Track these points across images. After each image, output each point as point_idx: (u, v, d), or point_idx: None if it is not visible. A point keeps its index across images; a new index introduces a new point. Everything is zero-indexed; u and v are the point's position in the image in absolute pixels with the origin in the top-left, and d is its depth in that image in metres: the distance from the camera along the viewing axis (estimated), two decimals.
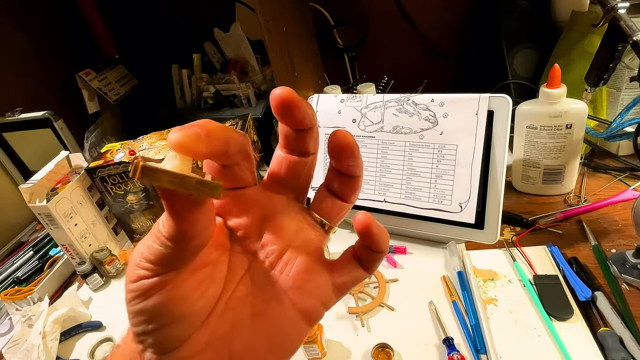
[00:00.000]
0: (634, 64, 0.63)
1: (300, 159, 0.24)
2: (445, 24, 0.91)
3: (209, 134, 0.19)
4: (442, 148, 0.55)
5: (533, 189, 0.68)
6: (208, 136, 0.19)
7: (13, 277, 0.74)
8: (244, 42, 0.87)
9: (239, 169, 0.22)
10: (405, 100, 0.57)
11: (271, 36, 0.59)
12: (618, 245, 0.56)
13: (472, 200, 0.54)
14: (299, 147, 0.24)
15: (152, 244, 0.20)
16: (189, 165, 0.18)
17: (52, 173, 0.68)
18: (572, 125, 0.60)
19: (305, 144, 0.24)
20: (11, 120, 0.81)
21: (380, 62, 0.98)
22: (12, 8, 0.86)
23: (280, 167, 0.24)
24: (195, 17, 0.96)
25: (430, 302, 0.53)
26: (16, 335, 0.61)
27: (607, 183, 0.67)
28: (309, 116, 0.22)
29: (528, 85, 0.79)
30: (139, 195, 0.70)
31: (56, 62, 0.94)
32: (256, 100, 0.86)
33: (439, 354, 0.48)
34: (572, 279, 0.50)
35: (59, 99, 0.91)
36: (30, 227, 0.88)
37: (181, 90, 0.93)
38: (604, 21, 0.57)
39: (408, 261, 0.61)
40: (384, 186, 0.60)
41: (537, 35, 0.79)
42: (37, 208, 0.64)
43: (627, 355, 0.41)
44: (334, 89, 0.74)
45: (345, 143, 0.23)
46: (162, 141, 0.67)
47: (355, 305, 0.55)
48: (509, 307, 0.49)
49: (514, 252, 0.56)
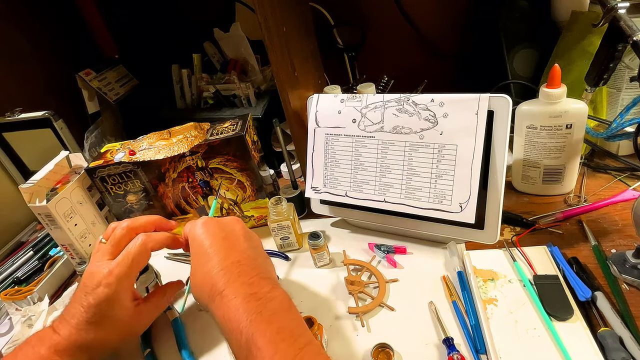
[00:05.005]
0: (634, 64, 0.63)
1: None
2: (446, 24, 0.91)
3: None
4: (442, 148, 0.55)
5: (533, 189, 0.68)
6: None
7: (13, 277, 0.74)
8: (244, 42, 0.87)
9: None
10: (405, 100, 0.57)
11: (271, 36, 0.59)
12: (618, 245, 0.56)
13: (472, 200, 0.54)
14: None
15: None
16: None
17: (52, 173, 0.68)
18: (572, 125, 0.60)
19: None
20: (11, 120, 0.81)
21: (380, 62, 0.98)
22: (12, 8, 0.86)
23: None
24: (195, 17, 0.96)
25: (430, 302, 0.53)
26: (16, 335, 0.61)
27: (607, 183, 0.67)
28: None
29: (528, 85, 0.79)
30: (138, 195, 0.70)
31: (56, 62, 0.93)
32: (256, 100, 0.86)
33: (439, 354, 0.48)
34: (572, 279, 0.50)
35: (59, 99, 0.91)
36: (30, 227, 0.88)
37: (181, 90, 0.93)
38: (604, 21, 0.57)
39: (408, 261, 0.61)
40: (384, 186, 0.60)
41: (537, 35, 0.79)
42: (37, 208, 0.64)
43: (627, 355, 0.41)
44: (334, 89, 0.74)
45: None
46: (162, 141, 0.67)
47: (355, 305, 0.55)
48: (509, 307, 0.49)
49: (514, 252, 0.56)
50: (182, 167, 0.67)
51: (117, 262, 0.48)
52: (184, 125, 0.69)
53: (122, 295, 0.48)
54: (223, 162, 0.67)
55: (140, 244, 0.49)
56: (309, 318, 0.50)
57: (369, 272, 0.60)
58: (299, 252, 0.68)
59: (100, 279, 0.46)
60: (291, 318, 0.40)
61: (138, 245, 0.49)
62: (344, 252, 0.64)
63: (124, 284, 0.47)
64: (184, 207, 0.72)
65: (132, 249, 0.49)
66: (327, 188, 0.64)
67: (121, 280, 0.47)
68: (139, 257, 0.49)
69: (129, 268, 0.48)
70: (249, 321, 0.38)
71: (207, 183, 0.69)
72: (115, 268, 0.47)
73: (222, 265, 0.44)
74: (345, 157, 0.62)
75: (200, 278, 0.44)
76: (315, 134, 0.64)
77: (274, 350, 0.36)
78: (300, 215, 0.74)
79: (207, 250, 0.45)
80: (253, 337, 0.37)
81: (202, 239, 0.47)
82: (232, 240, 0.47)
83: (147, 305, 0.52)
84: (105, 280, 0.46)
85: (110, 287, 0.46)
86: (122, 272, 0.47)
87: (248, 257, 0.45)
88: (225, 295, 0.41)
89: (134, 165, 0.66)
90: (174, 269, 0.70)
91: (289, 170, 0.73)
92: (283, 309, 0.41)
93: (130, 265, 0.48)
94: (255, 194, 0.71)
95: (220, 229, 0.48)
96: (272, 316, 0.39)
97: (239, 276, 0.42)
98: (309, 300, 0.59)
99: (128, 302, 0.49)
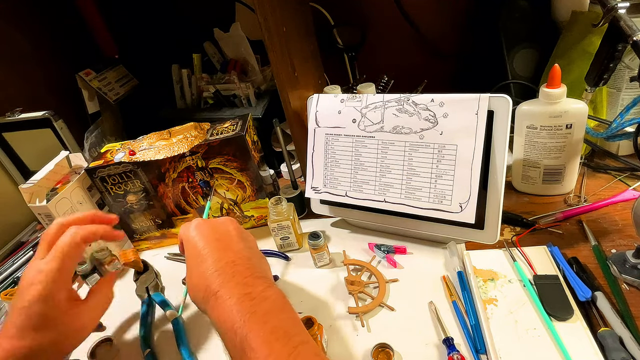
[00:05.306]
0: (634, 64, 0.63)
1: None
2: (446, 24, 0.91)
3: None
4: (442, 148, 0.55)
5: (533, 189, 0.68)
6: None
7: (13, 277, 0.74)
8: (244, 42, 0.87)
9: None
10: (405, 100, 0.57)
11: (271, 36, 0.59)
12: (618, 245, 0.56)
13: (472, 200, 0.54)
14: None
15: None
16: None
17: (52, 173, 0.68)
18: (572, 125, 0.60)
19: None
20: (11, 120, 0.81)
21: (380, 62, 0.98)
22: (12, 8, 0.86)
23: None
24: (195, 17, 0.96)
25: (430, 302, 0.53)
26: None
27: (607, 183, 0.67)
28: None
29: (528, 85, 0.79)
30: (139, 195, 0.70)
31: (56, 62, 0.93)
32: (256, 100, 0.86)
33: (439, 354, 0.48)
34: (572, 279, 0.50)
35: (59, 99, 0.91)
36: (30, 227, 0.88)
37: (181, 90, 0.93)
38: (604, 21, 0.57)
39: (408, 261, 0.61)
40: (384, 186, 0.60)
41: (537, 35, 0.79)
42: (37, 208, 0.64)
43: (627, 355, 0.41)
44: (334, 89, 0.74)
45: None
46: (162, 141, 0.67)
47: (355, 305, 0.55)
48: (509, 307, 0.49)
49: (514, 252, 0.56)
50: (182, 167, 0.67)
51: (47, 259, 0.47)
52: (184, 125, 0.69)
53: (56, 293, 0.46)
54: (223, 162, 0.67)
55: (70, 235, 0.48)
56: (309, 318, 0.50)
57: (369, 272, 0.60)
58: (299, 252, 0.68)
59: (31, 278, 0.45)
60: (286, 317, 0.40)
61: (67, 238, 0.48)
62: (344, 252, 0.64)
63: (57, 280, 0.46)
64: (184, 207, 0.72)
65: (60, 243, 0.48)
66: (327, 188, 0.64)
67: (53, 277, 0.45)
68: (69, 250, 0.47)
69: (60, 262, 0.46)
70: (242, 321, 0.38)
71: (207, 183, 0.69)
72: (45, 265, 0.46)
73: (216, 266, 0.43)
74: (345, 157, 0.62)
75: (195, 280, 0.44)
76: (315, 134, 0.64)
77: (268, 351, 0.36)
78: (300, 215, 0.74)
79: (201, 251, 0.45)
80: (247, 337, 0.37)
81: (195, 241, 0.46)
82: (226, 241, 0.47)
83: (85, 305, 0.50)
84: (36, 278, 0.45)
85: (41, 284, 0.45)
86: (53, 267, 0.46)
87: (242, 257, 0.45)
88: (219, 296, 0.41)
89: (134, 165, 0.66)
90: (174, 269, 0.70)
91: (289, 170, 0.73)
92: (277, 308, 0.40)
93: (61, 259, 0.46)
94: (255, 194, 0.71)
95: (213, 230, 0.48)
96: (265, 316, 0.39)
97: (233, 276, 0.42)
98: (309, 300, 0.59)
99: (63, 301, 0.47)
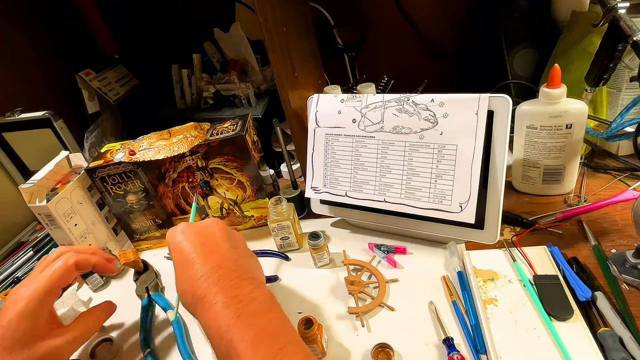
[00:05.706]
0: (634, 64, 0.63)
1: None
2: (446, 24, 0.91)
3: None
4: (442, 148, 0.55)
5: (533, 189, 0.68)
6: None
7: (13, 277, 0.74)
8: (244, 42, 0.87)
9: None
10: (405, 100, 0.57)
11: (271, 36, 0.59)
12: (618, 245, 0.56)
13: (472, 200, 0.54)
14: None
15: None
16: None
17: (52, 173, 0.68)
18: (572, 125, 0.60)
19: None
20: (11, 120, 0.81)
21: (380, 62, 0.98)
22: (12, 8, 0.86)
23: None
24: (195, 17, 0.96)
25: (430, 302, 0.53)
26: None
27: (607, 183, 0.67)
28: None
29: (528, 85, 0.79)
30: (139, 195, 0.70)
31: (56, 62, 0.93)
32: (256, 100, 0.86)
33: (439, 354, 0.48)
34: (572, 279, 0.50)
35: (59, 99, 0.91)
36: (30, 227, 0.88)
37: (181, 90, 0.93)
38: (604, 21, 0.57)
39: (408, 261, 0.61)
40: (384, 186, 0.60)
41: (537, 35, 0.79)
42: (37, 208, 0.64)
43: (627, 355, 0.41)
44: (334, 89, 0.74)
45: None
46: (162, 141, 0.67)
47: (355, 305, 0.55)
48: (509, 307, 0.49)
49: (514, 252, 0.56)
50: (182, 167, 0.67)
51: (37, 277, 0.48)
52: (184, 125, 0.69)
53: (37, 312, 0.46)
54: (223, 162, 0.67)
55: (64, 259, 0.50)
56: (309, 318, 0.50)
57: (369, 272, 0.60)
58: (299, 252, 0.68)
59: (16, 296, 0.47)
60: (272, 318, 0.39)
61: (61, 261, 0.49)
62: (344, 252, 0.64)
63: (41, 299, 0.47)
64: (183, 207, 0.72)
65: (54, 265, 0.49)
66: (327, 188, 0.64)
67: (37, 295, 0.47)
68: (60, 272, 0.49)
69: (47, 282, 0.48)
70: (227, 326, 0.37)
71: (207, 183, 0.69)
72: (33, 283, 0.47)
73: (202, 271, 0.42)
74: (345, 157, 0.62)
75: (183, 286, 0.44)
76: (315, 134, 0.64)
77: (252, 354, 0.35)
78: (300, 215, 0.74)
79: (187, 257, 0.45)
80: (232, 341, 0.36)
81: (181, 246, 0.46)
82: (211, 245, 0.46)
83: (66, 332, 0.50)
84: (20, 295, 0.47)
85: (24, 301, 0.46)
86: (39, 287, 0.47)
87: (228, 259, 0.44)
88: (205, 301, 0.40)
89: (134, 165, 0.66)
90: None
91: (289, 170, 0.73)
92: (264, 309, 0.40)
93: (48, 278, 0.48)
94: (255, 194, 0.71)
95: (198, 234, 0.47)
96: (251, 318, 0.38)
97: (219, 280, 0.41)
98: (309, 300, 0.59)
99: (42, 324, 0.47)
